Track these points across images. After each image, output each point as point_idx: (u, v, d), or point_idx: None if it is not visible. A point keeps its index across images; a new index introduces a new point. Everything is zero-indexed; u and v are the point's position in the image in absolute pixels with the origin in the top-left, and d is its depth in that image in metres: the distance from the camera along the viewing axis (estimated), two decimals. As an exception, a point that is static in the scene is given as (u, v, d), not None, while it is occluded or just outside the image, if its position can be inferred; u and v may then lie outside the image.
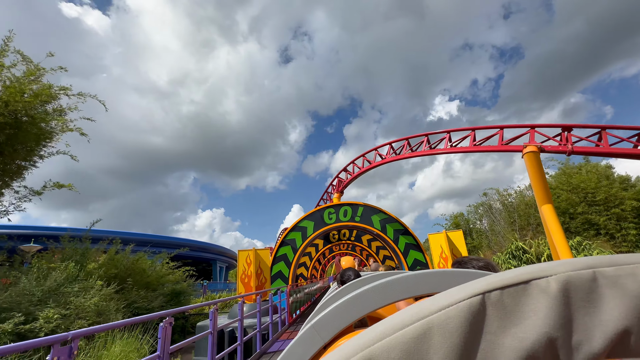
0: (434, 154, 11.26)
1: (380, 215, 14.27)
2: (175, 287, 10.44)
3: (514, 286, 0.26)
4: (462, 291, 0.27)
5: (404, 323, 0.26)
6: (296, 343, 0.71)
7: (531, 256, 14.06)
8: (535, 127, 9.28)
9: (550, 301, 0.25)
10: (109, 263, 8.58)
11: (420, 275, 0.68)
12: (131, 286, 8.63)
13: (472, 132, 10.37)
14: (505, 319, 0.26)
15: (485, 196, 22.65)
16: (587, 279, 0.26)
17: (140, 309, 8.22)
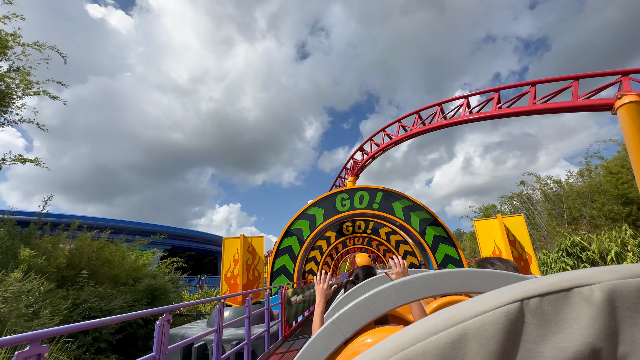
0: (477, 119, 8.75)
1: (404, 202, 11.84)
2: (152, 283, 8.50)
3: (554, 293, 0.25)
4: (499, 297, 0.25)
5: (438, 328, 0.25)
6: (317, 338, 0.71)
7: (593, 254, 11.33)
8: (629, 72, 6.64)
9: (594, 310, 0.24)
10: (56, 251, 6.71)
11: (442, 274, 0.69)
12: (86, 281, 6.72)
13: (532, 87, 7.80)
14: (545, 327, 0.24)
15: (523, 185, 19.70)
16: (635, 288, 0.24)
17: (93, 311, 6.29)
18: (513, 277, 0.66)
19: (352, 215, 12.04)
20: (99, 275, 7.50)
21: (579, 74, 7.28)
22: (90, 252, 7.41)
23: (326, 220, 11.97)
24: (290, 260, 11.77)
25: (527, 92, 7.83)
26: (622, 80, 6.64)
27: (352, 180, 13.72)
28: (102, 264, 7.63)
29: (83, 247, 7.50)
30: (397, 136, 11.09)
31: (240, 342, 5.02)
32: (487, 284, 0.65)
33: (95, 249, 7.53)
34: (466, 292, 0.73)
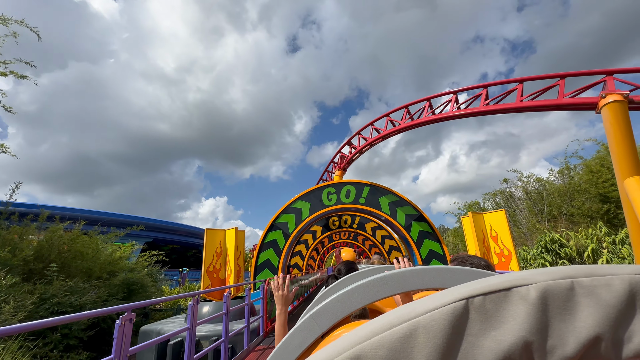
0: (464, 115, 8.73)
1: (390, 197, 11.83)
2: (129, 276, 8.15)
3: (496, 292, 0.28)
4: (448, 295, 0.29)
5: (392, 323, 0.27)
6: (294, 333, 0.73)
7: (571, 250, 11.66)
8: (613, 72, 6.71)
9: (529, 308, 0.27)
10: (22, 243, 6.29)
11: (417, 271, 0.71)
12: (55, 274, 6.34)
13: (519, 84, 7.81)
14: (486, 322, 0.28)
15: (505, 182, 20.10)
16: (564, 288, 0.28)
17: (62, 306, 5.94)
18: (482, 274, 0.68)
19: (338, 209, 11.95)
20: (71, 269, 7.11)
21: (565, 73, 7.32)
22: (61, 244, 7.00)
23: (312, 214, 11.83)
24: (275, 254, 11.60)
25: (514, 90, 7.84)
26: (607, 80, 6.70)
27: (339, 174, 13.61)
28: (74, 256, 7.23)
29: (53, 239, 7.08)
30: (385, 131, 11.00)
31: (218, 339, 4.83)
32: (456, 280, 0.68)
33: (66, 241, 7.12)
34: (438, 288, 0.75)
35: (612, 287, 0.27)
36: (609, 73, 6.74)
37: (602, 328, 0.27)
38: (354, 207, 11.81)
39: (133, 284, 8.07)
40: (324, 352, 0.27)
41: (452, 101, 9.02)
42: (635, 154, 6.01)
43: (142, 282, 8.16)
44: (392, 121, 10.97)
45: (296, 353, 0.71)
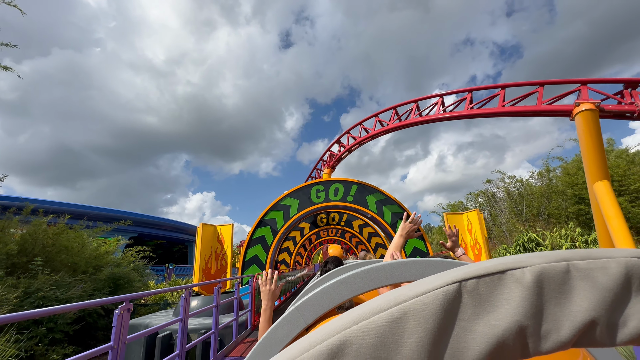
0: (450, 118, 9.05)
1: (377, 196, 12.09)
2: (115, 271, 8.12)
3: (490, 275, 0.27)
4: (440, 279, 0.28)
5: (381, 308, 0.26)
6: (279, 325, 0.73)
7: (546, 249, 12.25)
8: (587, 82, 7.12)
9: (524, 291, 0.27)
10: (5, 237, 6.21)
11: (402, 263, 0.71)
12: (40, 268, 6.29)
13: (502, 89, 8.16)
14: (479, 306, 0.27)
15: (488, 183, 20.78)
16: (560, 271, 0.27)
17: (47, 300, 5.92)
18: (458, 263, 0.69)
19: (326, 207, 12.13)
20: (56, 263, 7.05)
21: (544, 81, 7.70)
22: (46, 238, 6.92)
23: (301, 211, 11.97)
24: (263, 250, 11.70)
25: (497, 95, 8.19)
26: (582, 89, 7.11)
27: (328, 172, 13.79)
28: (58, 250, 7.17)
29: (37, 233, 6.99)
30: (374, 130, 11.24)
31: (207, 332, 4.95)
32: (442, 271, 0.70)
33: (51, 235, 7.04)
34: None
35: (608, 270, 0.27)
36: (583, 82, 7.15)
37: (597, 312, 0.26)
38: (342, 204, 12.02)
39: (119, 279, 8.05)
40: (308, 339, 0.26)
41: (439, 104, 9.32)
42: (604, 160, 6.43)
43: (128, 276, 8.15)
44: (380, 121, 11.21)
45: (280, 345, 0.71)
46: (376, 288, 0.72)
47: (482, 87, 8.75)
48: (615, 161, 14.17)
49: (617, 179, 14.16)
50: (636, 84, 6.73)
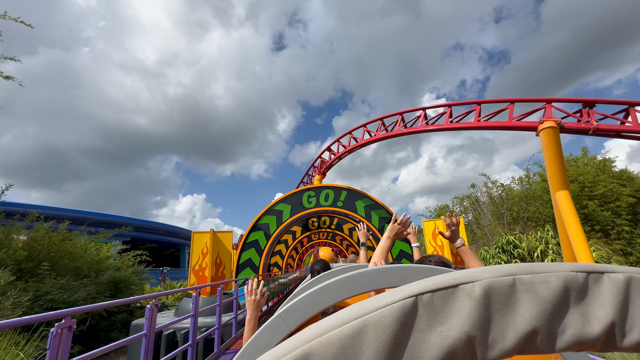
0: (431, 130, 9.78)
1: (366, 201, 12.77)
2: (115, 275, 8.52)
3: (444, 289, 0.29)
4: (399, 293, 0.29)
5: (343, 321, 0.28)
6: (262, 331, 0.74)
7: (523, 251, 13.12)
8: (551, 101, 7.94)
9: (474, 304, 0.28)
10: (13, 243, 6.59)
11: (384, 270, 0.73)
12: (47, 273, 6.68)
13: (477, 106, 8.93)
14: (433, 318, 0.28)
15: (473, 187, 21.74)
16: (507, 285, 0.29)
17: (55, 302, 6.32)
18: (444, 272, 0.71)
19: (317, 211, 12.75)
20: (59, 268, 7.43)
21: (514, 99, 8.49)
22: (51, 244, 7.31)
23: (293, 216, 12.56)
24: (257, 253, 12.22)
25: (473, 110, 8.95)
26: (546, 107, 7.92)
27: (319, 178, 14.39)
28: (62, 256, 7.55)
29: (42, 239, 7.36)
30: (362, 140, 11.92)
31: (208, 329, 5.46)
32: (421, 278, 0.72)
33: (55, 241, 7.42)
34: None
35: (549, 283, 0.29)
36: (548, 101, 7.96)
37: (538, 322, 0.28)
38: (332, 209, 12.66)
39: (120, 282, 8.45)
40: (274, 351, 0.27)
41: (421, 117, 10.05)
42: (564, 172, 7.22)
43: (128, 280, 8.55)
44: (368, 131, 11.90)
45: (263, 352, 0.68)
46: (358, 294, 0.73)
47: (460, 103, 9.50)
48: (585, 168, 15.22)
49: (588, 185, 15.19)
50: (593, 104, 7.56)
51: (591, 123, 7.17)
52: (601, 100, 7.52)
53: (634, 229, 14.16)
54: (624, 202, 14.25)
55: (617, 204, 14.40)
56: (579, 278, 0.30)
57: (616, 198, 14.47)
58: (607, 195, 14.58)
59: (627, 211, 14.25)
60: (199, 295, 3.92)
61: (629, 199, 14.23)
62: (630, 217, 14.23)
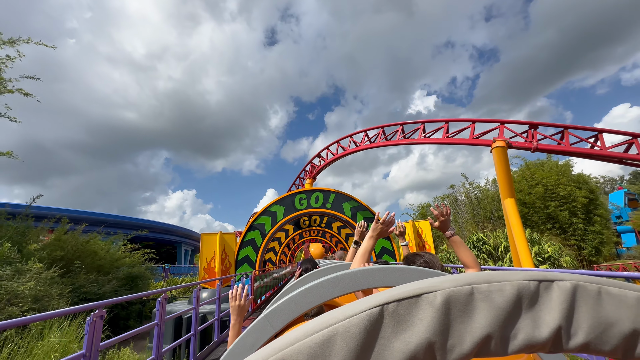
0: (407, 143, 11.27)
1: (352, 203, 14.23)
2: (131, 271, 9.76)
3: (408, 299, 0.31)
4: (367, 302, 0.31)
5: (314, 329, 0.30)
6: (248, 332, 0.75)
7: (490, 247, 14.84)
8: (504, 122, 9.49)
9: (434, 312, 0.31)
10: (54, 244, 7.76)
11: (367, 271, 0.74)
12: (79, 269, 7.89)
13: (445, 124, 10.44)
14: (398, 326, 0.30)
15: (452, 188, 23.51)
16: (465, 294, 0.32)
17: (88, 294, 7.56)
18: (427, 272, 0.75)
19: (308, 212, 14.15)
20: (86, 265, 8.63)
21: (475, 119, 10.02)
22: (78, 244, 8.49)
23: (286, 216, 13.93)
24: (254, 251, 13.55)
25: (441, 127, 10.46)
26: (500, 128, 9.48)
27: (309, 182, 15.76)
28: (87, 255, 8.75)
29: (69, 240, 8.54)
30: (348, 149, 13.33)
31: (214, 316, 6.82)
32: (405, 279, 0.74)
33: (82, 242, 8.61)
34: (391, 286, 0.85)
35: (504, 292, 0.32)
36: (502, 122, 9.52)
37: (492, 328, 0.31)
38: (322, 210, 14.09)
39: (135, 277, 9.71)
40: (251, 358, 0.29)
41: (399, 131, 11.51)
42: (511, 183, 8.80)
43: (143, 275, 9.81)
44: (354, 141, 13.31)
45: (249, 353, 0.73)
46: (342, 295, 0.75)
47: (432, 120, 10.99)
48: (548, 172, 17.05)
49: (550, 187, 17.04)
50: (537, 126, 9.15)
51: (532, 143, 8.75)
52: (543, 123, 9.11)
53: (587, 227, 16.09)
54: (579, 203, 16.14)
55: (573, 205, 16.28)
56: (531, 286, 0.32)
57: (573, 199, 16.35)
58: (565, 197, 16.45)
59: (581, 211, 16.16)
60: (220, 287, 5.24)
61: (583, 199, 16.13)
62: (584, 216, 16.15)
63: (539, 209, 17.28)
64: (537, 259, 12.81)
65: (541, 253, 12.90)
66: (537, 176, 17.66)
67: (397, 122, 11.78)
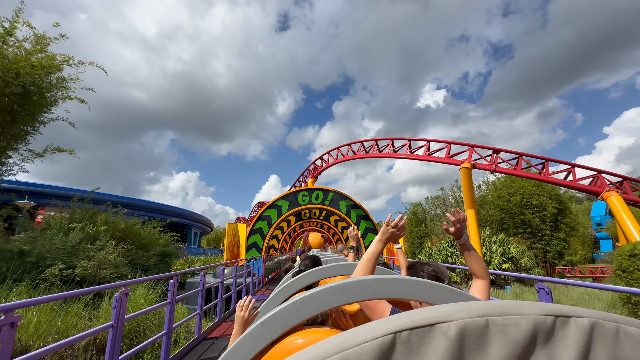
0: (396, 157, 13.40)
1: (347, 202, 16.53)
2: (164, 249, 12.17)
3: (421, 328, 0.31)
4: (379, 329, 0.32)
5: (325, 354, 0.30)
6: (244, 339, 0.75)
7: (465, 246, 17.13)
8: (474, 146, 11.59)
9: (448, 343, 0.31)
10: (110, 225, 10.10)
11: (370, 281, 0.73)
12: (130, 246, 10.26)
13: (427, 142, 12.54)
14: (410, 356, 0.30)
15: (442, 190, 25.69)
16: (480, 326, 0.32)
17: (139, 266, 9.94)
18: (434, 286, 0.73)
19: (309, 207, 16.47)
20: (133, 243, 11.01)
21: (453, 141, 12.12)
22: (128, 226, 10.85)
23: (290, 210, 16.28)
24: (261, 238, 15.96)
25: (423, 146, 12.57)
26: (470, 150, 11.58)
27: (311, 181, 17.97)
28: (134, 235, 11.12)
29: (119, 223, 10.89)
30: (346, 156, 15.48)
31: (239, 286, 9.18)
32: (412, 292, 0.72)
33: (130, 225, 10.97)
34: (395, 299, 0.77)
35: (519, 326, 0.31)
36: (472, 146, 11.62)
37: None
38: (321, 207, 16.39)
39: (168, 255, 12.13)
40: None
41: (390, 145, 13.63)
42: (473, 198, 10.97)
43: (174, 253, 12.22)
44: (352, 149, 15.45)
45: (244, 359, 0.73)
46: (343, 304, 0.73)
47: (416, 139, 13.10)
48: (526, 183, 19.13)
49: (526, 197, 19.18)
50: (499, 151, 11.25)
51: (492, 166, 10.89)
52: (504, 150, 11.20)
53: (554, 233, 18.32)
54: (549, 212, 18.31)
55: (544, 213, 18.46)
56: (548, 321, 0.32)
57: (544, 208, 18.52)
58: (538, 206, 18.62)
59: (550, 219, 18.35)
60: (225, 268, 7.50)
61: (553, 209, 18.30)
62: (552, 224, 18.35)
63: (515, 215, 19.44)
64: (502, 259, 15.10)
65: (506, 253, 15.18)
66: (515, 185, 19.78)
67: (388, 137, 13.86)
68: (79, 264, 6.88)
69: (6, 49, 8.61)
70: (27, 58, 8.66)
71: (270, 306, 1.18)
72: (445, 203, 25.14)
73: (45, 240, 7.47)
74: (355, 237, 2.24)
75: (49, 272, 6.45)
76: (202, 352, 4.14)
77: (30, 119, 9.88)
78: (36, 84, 9.42)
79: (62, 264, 6.72)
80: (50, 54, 9.61)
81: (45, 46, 9.46)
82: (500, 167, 10.95)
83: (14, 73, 8.62)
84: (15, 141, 9.89)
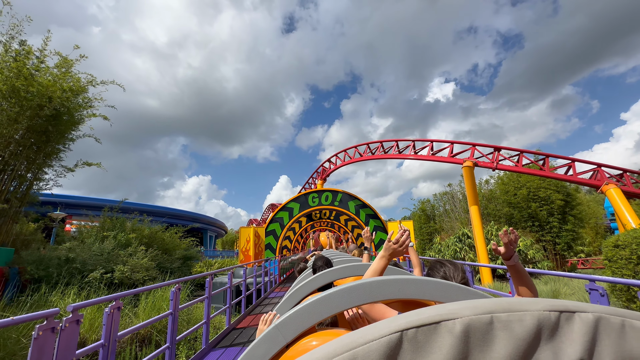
0: (400, 158, 13.94)
1: (356, 202, 17.15)
2: (186, 253, 13.04)
3: (427, 325, 0.32)
4: (386, 327, 0.33)
5: (336, 352, 0.31)
6: (259, 342, 0.75)
7: (472, 241, 17.49)
8: (475, 145, 12.04)
9: (454, 340, 0.31)
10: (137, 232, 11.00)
11: (382, 282, 0.74)
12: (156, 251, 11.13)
13: (431, 143, 13.04)
14: (416, 352, 0.31)
15: (449, 186, 25.96)
16: (485, 323, 0.32)
17: (165, 269, 10.80)
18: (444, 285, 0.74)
19: (319, 208, 17.14)
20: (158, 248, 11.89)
21: (455, 141, 12.59)
22: (153, 233, 11.74)
23: (301, 212, 16.99)
24: (274, 239, 16.71)
25: (427, 146, 13.07)
26: (472, 149, 12.04)
27: (320, 183, 18.63)
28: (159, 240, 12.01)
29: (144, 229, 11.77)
30: (353, 158, 16.08)
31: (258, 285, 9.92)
32: (422, 292, 0.73)
33: (154, 231, 11.85)
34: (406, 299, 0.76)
35: (524, 322, 0.32)
36: (474, 145, 12.08)
37: (512, 358, 0.30)
38: (331, 207, 17.05)
39: (189, 258, 12.99)
40: None
41: (394, 146, 14.17)
42: (476, 193, 11.42)
43: (195, 257, 13.08)
44: (358, 151, 16.05)
45: None
46: (356, 306, 0.74)
47: (421, 140, 13.61)
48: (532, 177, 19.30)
49: (533, 190, 19.38)
50: (499, 149, 11.68)
51: (494, 163, 11.33)
52: (505, 147, 11.63)
53: (562, 225, 18.50)
54: (556, 205, 18.49)
55: (551, 206, 18.65)
56: (552, 317, 0.32)
57: (551, 201, 18.71)
58: (545, 198, 18.83)
59: (558, 211, 18.53)
60: (246, 269, 8.21)
61: (560, 202, 18.47)
62: (560, 216, 18.53)
63: (522, 208, 19.63)
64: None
65: (513, 247, 15.49)
66: (522, 179, 19.99)
67: (393, 139, 14.41)
68: (116, 268, 7.72)
69: (40, 76, 9.59)
70: (57, 82, 9.60)
71: (284, 308, 1.18)
72: (453, 199, 25.43)
73: (85, 248, 8.36)
74: (369, 239, 2.29)
75: (92, 276, 7.31)
76: (234, 339, 4.86)
77: (61, 137, 10.86)
78: (65, 106, 10.37)
79: (102, 269, 7.57)
80: (76, 77, 10.55)
81: (70, 66, 10.41)
82: (501, 165, 11.39)
83: (47, 97, 9.58)
84: (49, 158, 10.89)
